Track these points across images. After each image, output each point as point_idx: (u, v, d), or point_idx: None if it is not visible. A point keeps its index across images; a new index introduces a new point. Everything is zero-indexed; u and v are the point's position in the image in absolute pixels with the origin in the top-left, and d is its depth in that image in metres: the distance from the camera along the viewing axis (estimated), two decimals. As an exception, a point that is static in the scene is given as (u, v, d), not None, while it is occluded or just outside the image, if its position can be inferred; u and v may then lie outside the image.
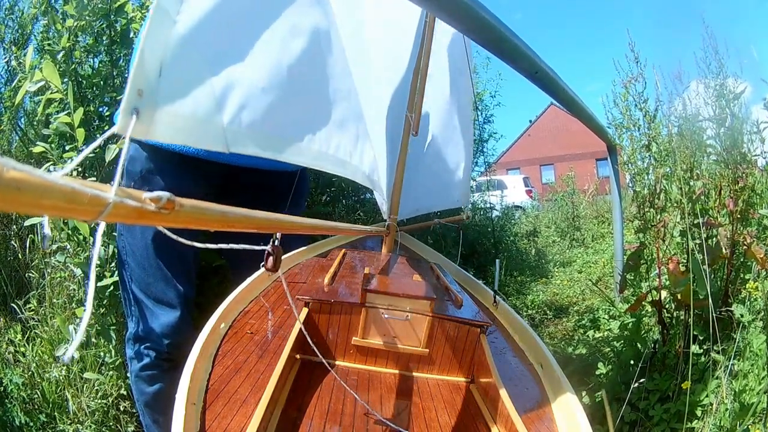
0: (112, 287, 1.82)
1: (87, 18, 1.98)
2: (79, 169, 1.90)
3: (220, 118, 0.69)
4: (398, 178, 1.95)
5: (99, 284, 1.80)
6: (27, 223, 2.02)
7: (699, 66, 1.85)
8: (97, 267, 1.83)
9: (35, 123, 2.69)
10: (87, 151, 0.48)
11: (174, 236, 0.49)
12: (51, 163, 1.87)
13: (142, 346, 1.62)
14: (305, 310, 1.21)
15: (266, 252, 0.75)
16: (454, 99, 2.53)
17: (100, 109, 2.13)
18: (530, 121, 25.72)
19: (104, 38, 2.09)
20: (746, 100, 1.83)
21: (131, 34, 2.12)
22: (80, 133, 1.80)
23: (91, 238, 1.81)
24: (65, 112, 1.80)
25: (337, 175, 1.20)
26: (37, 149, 1.90)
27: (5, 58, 2.84)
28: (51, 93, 1.80)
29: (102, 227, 0.41)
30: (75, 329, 1.87)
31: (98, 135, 2.02)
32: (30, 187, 0.27)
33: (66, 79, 1.85)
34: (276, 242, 0.75)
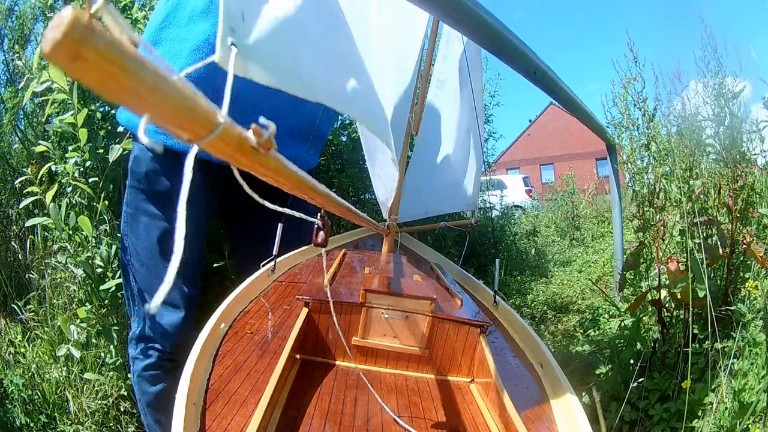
0: (114, 287, 1.82)
1: None
2: (81, 169, 1.90)
3: (299, 68, 0.68)
4: (399, 179, 1.96)
5: (102, 287, 1.80)
6: (28, 223, 2.03)
7: (698, 65, 1.85)
8: (100, 267, 1.83)
9: (35, 124, 2.69)
10: (199, 64, 0.43)
11: (257, 196, 0.46)
12: (53, 162, 1.88)
13: (146, 346, 1.62)
14: (305, 310, 1.21)
15: (315, 226, 0.71)
16: (465, 103, 2.54)
17: (102, 109, 2.13)
18: (530, 121, 25.72)
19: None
20: (745, 99, 1.83)
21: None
22: (83, 133, 1.80)
23: (93, 238, 1.81)
24: (70, 113, 1.80)
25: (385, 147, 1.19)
26: (39, 148, 1.90)
27: (5, 58, 2.85)
28: (57, 93, 1.80)
29: (192, 155, 0.33)
30: (77, 329, 1.87)
31: (100, 134, 2.02)
32: (153, 72, 0.25)
33: (69, 78, 1.85)
34: (325, 216, 0.71)
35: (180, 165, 1.39)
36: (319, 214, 0.72)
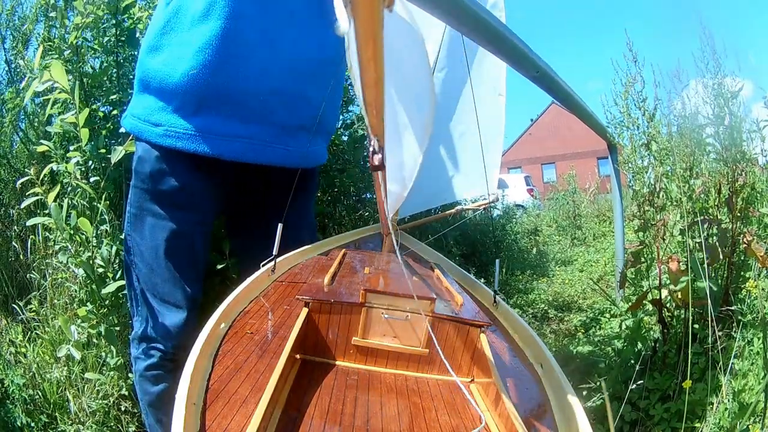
0: (114, 289, 1.83)
1: (94, 15, 1.99)
2: (83, 169, 1.90)
3: None
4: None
5: (103, 291, 1.80)
6: (29, 223, 2.03)
7: (697, 65, 1.85)
8: (100, 267, 1.83)
9: (36, 124, 2.70)
10: None
11: None
12: (54, 162, 1.88)
13: (148, 346, 1.62)
14: (305, 310, 1.21)
15: (372, 150, 0.68)
16: (467, 91, 2.51)
17: (103, 109, 2.13)
18: (531, 120, 25.73)
19: (111, 37, 2.09)
20: (745, 99, 1.83)
21: (137, 35, 2.12)
22: (84, 133, 1.80)
23: (94, 239, 1.81)
24: (71, 113, 1.80)
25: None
26: (41, 148, 1.91)
27: (6, 57, 2.85)
28: (58, 93, 1.80)
29: None
30: (78, 329, 1.88)
31: (102, 134, 2.02)
32: None
33: (71, 77, 1.85)
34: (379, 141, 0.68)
35: (187, 164, 1.39)
36: (374, 138, 0.68)
